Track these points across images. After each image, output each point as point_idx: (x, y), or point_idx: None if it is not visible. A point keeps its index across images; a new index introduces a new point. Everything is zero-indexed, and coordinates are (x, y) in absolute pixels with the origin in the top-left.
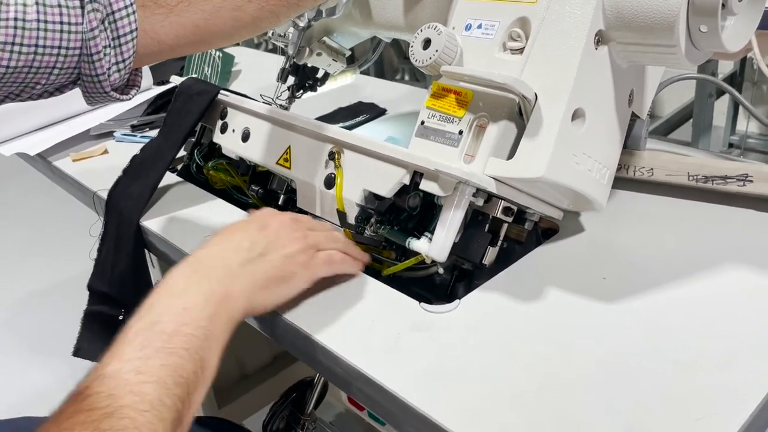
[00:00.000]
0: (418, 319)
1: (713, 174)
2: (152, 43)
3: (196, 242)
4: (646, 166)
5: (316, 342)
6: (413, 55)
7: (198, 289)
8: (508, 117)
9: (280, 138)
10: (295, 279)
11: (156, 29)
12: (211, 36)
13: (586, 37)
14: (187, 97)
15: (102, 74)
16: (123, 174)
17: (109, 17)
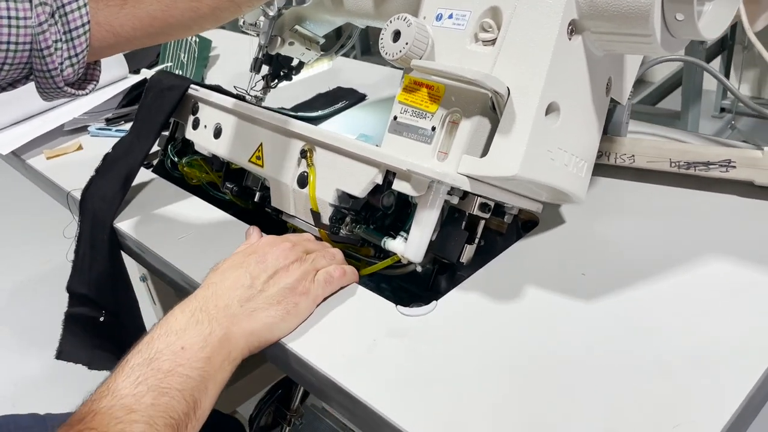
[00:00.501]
0: (394, 323)
1: (695, 160)
2: (108, 36)
3: (172, 245)
4: (627, 152)
5: (289, 350)
6: (383, 48)
7: (197, 330)
8: (481, 112)
9: (251, 135)
10: (298, 309)
11: (111, 21)
12: (169, 27)
13: (558, 27)
14: (158, 92)
15: (54, 69)
16: (96, 173)
17: (60, 11)
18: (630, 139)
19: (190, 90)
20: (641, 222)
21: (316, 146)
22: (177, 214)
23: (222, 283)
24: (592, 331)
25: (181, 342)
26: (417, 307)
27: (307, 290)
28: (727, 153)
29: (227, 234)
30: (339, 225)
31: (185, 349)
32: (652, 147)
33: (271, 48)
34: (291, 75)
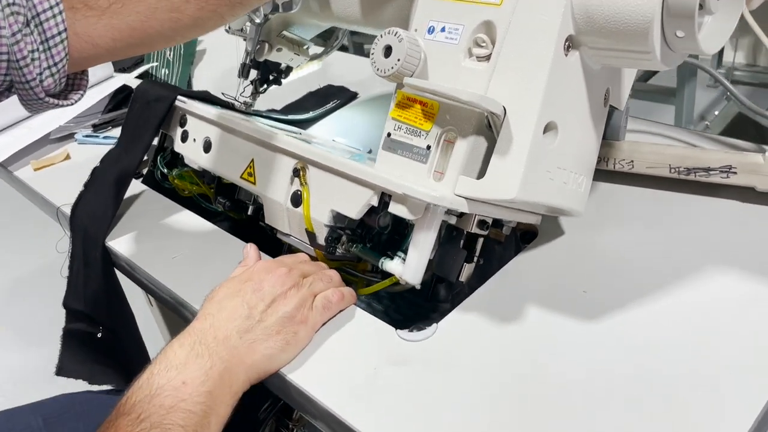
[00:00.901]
0: (394, 349)
1: (696, 166)
2: (87, 47)
3: (165, 265)
4: (626, 158)
5: (289, 382)
6: (374, 64)
7: (197, 364)
8: (477, 131)
9: (242, 150)
10: (298, 338)
11: (89, 32)
12: (149, 38)
13: (555, 44)
14: (144, 104)
15: (32, 80)
16: (84, 188)
17: (35, 19)
18: (629, 143)
19: (177, 102)
20: (641, 231)
21: (308, 165)
22: (169, 229)
23: (219, 314)
24: (596, 353)
25: (182, 377)
26: (417, 331)
27: (305, 318)
28: (727, 158)
29: (221, 252)
30: (335, 245)
31: (186, 384)
32: (651, 152)
33: (259, 55)
34: (280, 79)
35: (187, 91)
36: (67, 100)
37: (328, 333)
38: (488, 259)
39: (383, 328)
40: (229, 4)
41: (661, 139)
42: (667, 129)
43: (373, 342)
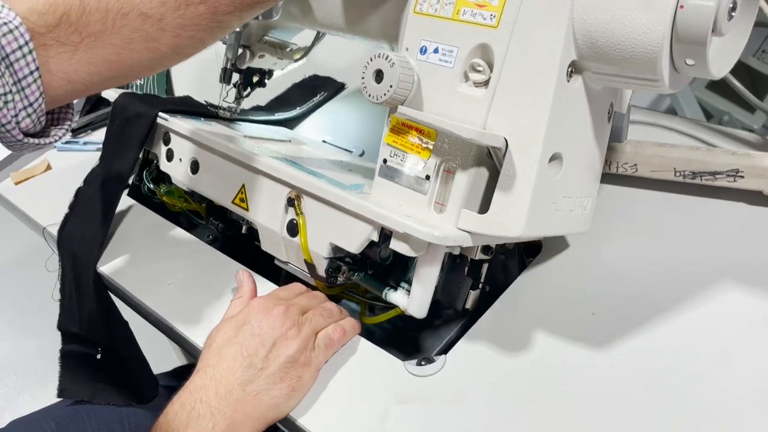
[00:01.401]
0: (403, 385)
1: (701, 170)
2: (63, 84)
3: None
4: (629, 161)
5: (299, 427)
6: (365, 89)
7: (199, 425)
8: (477, 162)
9: (232, 174)
10: (302, 383)
11: (64, 69)
12: (129, 70)
13: (557, 71)
14: (123, 121)
15: (8, 123)
16: (70, 211)
17: (5, 61)
18: (631, 145)
19: (159, 120)
20: (648, 240)
21: (303, 194)
22: (162, 251)
23: (219, 365)
24: (607, 382)
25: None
26: (425, 364)
27: (308, 360)
28: (734, 162)
29: (217, 276)
30: (335, 274)
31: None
32: (655, 155)
33: (240, 62)
34: (264, 81)
35: (168, 100)
36: (48, 137)
37: (334, 369)
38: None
39: (390, 361)
40: (207, 29)
41: (661, 131)
42: (668, 119)
43: (382, 379)
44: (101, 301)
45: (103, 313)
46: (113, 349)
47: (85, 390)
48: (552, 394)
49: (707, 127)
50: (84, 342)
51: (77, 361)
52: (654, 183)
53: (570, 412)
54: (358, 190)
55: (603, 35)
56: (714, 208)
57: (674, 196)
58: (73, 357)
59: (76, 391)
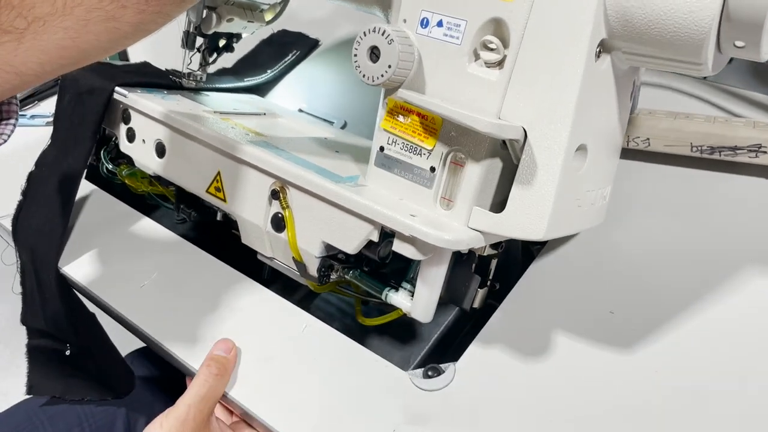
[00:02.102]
0: (411, 402)
1: (721, 144)
2: (10, 77)
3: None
4: (642, 135)
5: None
6: (359, 69)
7: None
8: (491, 154)
9: (206, 160)
10: None
11: (10, 60)
12: (84, 54)
13: (586, 52)
14: (75, 96)
15: None
16: (24, 198)
17: None
18: (644, 116)
19: (117, 95)
20: (663, 221)
21: (289, 186)
22: (131, 246)
23: None
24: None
25: None
26: (435, 377)
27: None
28: (756, 136)
29: (194, 273)
30: (328, 273)
31: None
32: (670, 129)
33: (206, 27)
34: (232, 45)
35: (124, 68)
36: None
37: (337, 384)
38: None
39: (394, 374)
40: (174, 2)
41: (676, 95)
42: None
43: (387, 395)
44: (66, 301)
45: (68, 312)
46: (83, 345)
47: (56, 386)
48: (572, 404)
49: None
50: (51, 337)
51: (45, 356)
52: (668, 158)
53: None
54: (353, 182)
55: (640, 12)
56: (734, 186)
57: (690, 171)
58: (41, 352)
59: (47, 387)
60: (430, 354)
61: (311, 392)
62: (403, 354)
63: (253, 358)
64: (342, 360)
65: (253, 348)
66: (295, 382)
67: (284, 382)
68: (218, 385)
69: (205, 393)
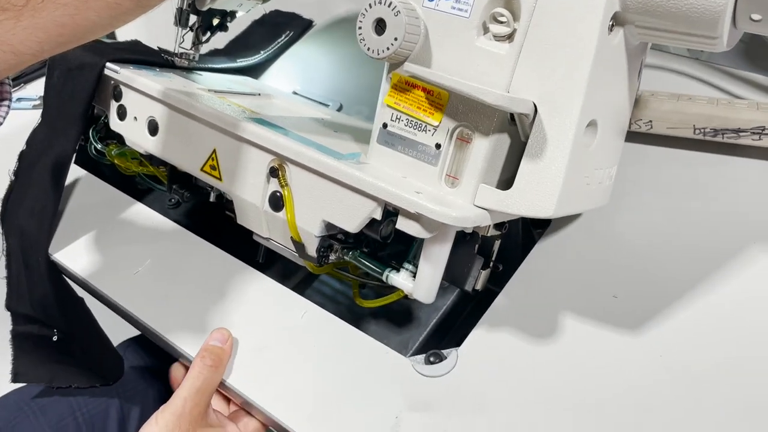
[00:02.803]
0: (414, 389)
1: (724, 126)
2: (8, 57)
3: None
4: (644, 118)
5: None
6: (363, 42)
7: None
8: (499, 129)
9: (200, 137)
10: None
11: (7, 40)
12: (83, 32)
13: (600, 24)
14: (65, 72)
15: None
16: (14, 177)
17: None
18: (646, 99)
19: (108, 71)
20: (668, 206)
21: (287, 162)
22: (123, 231)
23: None
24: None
25: None
26: (436, 363)
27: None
28: (759, 118)
29: (188, 259)
30: (327, 253)
31: None
32: (673, 112)
33: (200, 3)
34: (226, 24)
35: (115, 46)
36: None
37: (334, 371)
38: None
39: (395, 360)
40: None
41: (677, 77)
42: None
43: (389, 382)
44: (54, 282)
45: (57, 296)
46: (71, 331)
47: (42, 373)
48: (580, 391)
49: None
50: (37, 323)
51: (31, 342)
52: (670, 140)
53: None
54: (354, 159)
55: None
56: (737, 168)
57: (693, 154)
58: (27, 338)
59: (33, 374)
60: (429, 339)
61: (311, 379)
62: (401, 339)
63: (251, 345)
64: (342, 346)
65: (251, 335)
66: (295, 369)
67: (283, 368)
68: (214, 377)
69: (200, 385)
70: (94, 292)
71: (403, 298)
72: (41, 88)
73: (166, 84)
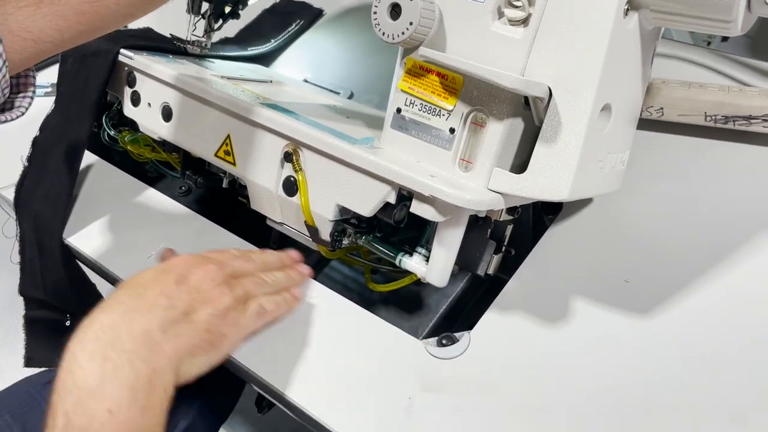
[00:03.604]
0: (426, 370)
1: (735, 114)
2: (27, 45)
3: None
4: (655, 105)
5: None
6: (378, 27)
7: (118, 379)
8: (513, 113)
9: (214, 122)
10: (225, 342)
11: (27, 27)
12: (103, 21)
13: (615, 10)
14: (79, 59)
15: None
16: (28, 164)
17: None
18: (657, 86)
19: (122, 57)
20: (678, 193)
21: (302, 147)
22: (135, 217)
23: (134, 303)
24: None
25: (104, 404)
26: (449, 345)
27: (237, 321)
28: None
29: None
30: (341, 238)
31: (113, 413)
32: (684, 99)
33: None
34: (238, 11)
35: (128, 33)
36: (13, 111)
37: (352, 352)
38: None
39: (408, 342)
40: None
41: (687, 66)
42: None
43: (402, 363)
44: (68, 267)
45: (70, 280)
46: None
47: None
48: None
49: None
50: (50, 308)
51: (44, 327)
52: (681, 127)
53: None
54: (368, 144)
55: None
56: (748, 155)
57: (704, 141)
58: (40, 323)
59: (45, 359)
60: (439, 325)
61: (326, 361)
62: (410, 325)
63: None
64: (356, 329)
65: None
66: (310, 351)
67: (298, 351)
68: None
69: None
70: (107, 275)
71: (412, 285)
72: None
73: (180, 70)
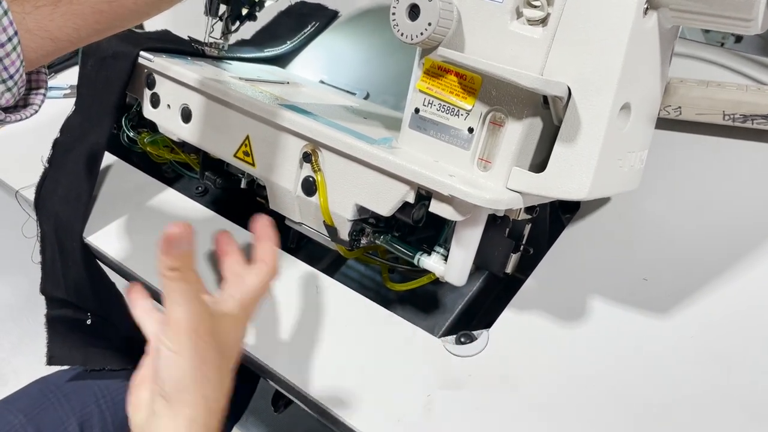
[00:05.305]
0: (445, 368)
1: (753, 112)
2: (45, 43)
3: None
4: (673, 104)
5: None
6: (397, 28)
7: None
8: (532, 113)
9: (233, 123)
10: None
11: (45, 26)
12: (121, 20)
13: (635, 9)
14: (99, 60)
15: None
16: (48, 165)
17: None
18: (674, 85)
19: (141, 59)
20: (697, 192)
21: (321, 148)
22: (155, 217)
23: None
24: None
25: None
26: (467, 343)
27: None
28: None
29: None
30: (359, 237)
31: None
32: (702, 98)
33: None
34: (254, 13)
35: (147, 35)
36: (27, 108)
37: (371, 350)
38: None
39: (426, 340)
40: None
41: (702, 64)
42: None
43: (421, 361)
44: (89, 267)
45: (91, 279)
46: (104, 314)
47: (76, 356)
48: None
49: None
50: (71, 306)
51: (66, 326)
52: (699, 126)
53: (634, 392)
54: (387, 144)
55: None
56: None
57: (722, 140)
58: (61, 322)
59: (67, 357)
60: (455, 324)
61: (345, 358)
62: (427, 324)
63: (286, 326)
64: (374, 327)
65: (285, 316)
66: (329, 349)
67: (318, 348)
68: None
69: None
70: (127, 274)
71: (429, 284)
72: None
73: (198, 72)
